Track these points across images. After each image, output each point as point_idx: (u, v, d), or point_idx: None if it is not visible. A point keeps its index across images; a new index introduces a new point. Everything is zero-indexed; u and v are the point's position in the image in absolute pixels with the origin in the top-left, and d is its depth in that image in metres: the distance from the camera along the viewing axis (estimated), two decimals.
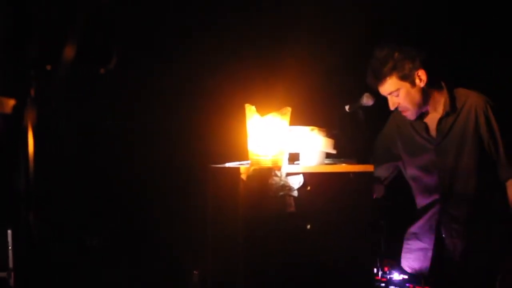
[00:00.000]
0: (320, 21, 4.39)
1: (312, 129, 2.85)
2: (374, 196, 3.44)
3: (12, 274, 3.00)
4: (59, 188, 3.85)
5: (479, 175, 3.41)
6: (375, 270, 3.10)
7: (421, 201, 3.61)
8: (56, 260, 3.71)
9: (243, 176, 2.63)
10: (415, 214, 3.66)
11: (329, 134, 2.87)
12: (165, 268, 4.11)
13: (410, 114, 3.46)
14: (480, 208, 3.41)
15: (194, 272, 3.22)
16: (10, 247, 3.06)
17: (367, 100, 3.37)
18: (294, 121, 2.76)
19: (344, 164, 2.87)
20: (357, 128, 3.45)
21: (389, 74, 3.36)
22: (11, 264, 3.03)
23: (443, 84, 3.48)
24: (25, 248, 2.43)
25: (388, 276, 3.12)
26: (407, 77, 3.36)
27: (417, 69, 3.36)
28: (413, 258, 3.58)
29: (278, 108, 2.71)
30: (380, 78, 3.37)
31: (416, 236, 3.60)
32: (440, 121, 3.47)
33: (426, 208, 3.55)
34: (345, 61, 4.30)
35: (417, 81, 3.38)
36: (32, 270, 2.54)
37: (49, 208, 3.46)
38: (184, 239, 4.11)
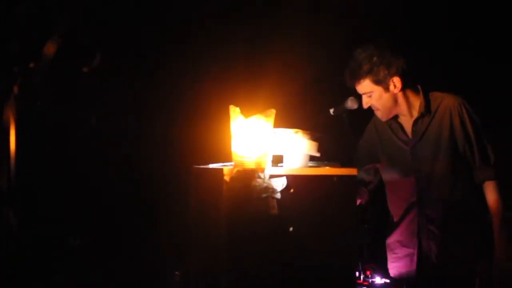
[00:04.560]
0: (306, 24, 4.40)
1: (296, 132, 2.84)
2: (358, 201, 3.45)
3: None
4: (41, 186, 3.83)
5: (454, 179, 3.42)
6: (357, 273, 3.10)
7: (396, 205, 3.61)
8: (38, 257, 3.69)
9: (227, 178, 2.62)
10: (390, 221, 3.67)
11: (313, 137, 2.87)
12: (148, 268, 4.10)
13: (380, 114, 3.50)
14: (456, 211, 3.41)
15: (176, 272, 3.21)
16: None
17: (351, 104, 3.39)
18: (278, 123, 2.75)
19: (327, 167, 2.87)
20: (341, 131, 3.46)
21: (363, 76, 3.39)
22: None
23: (419, 88, 3.49)
24: (6, 244, 2.41)
25: (370, 280, 3.12)
26: (381, 82, 3.39)
27: (392, 76, 3.38)
28: (402, 265, 3.57)
29: (262, 110, 2.70)
30: (355, 78, 3.42)
31: (401, 244, 3.59)
32: (415, 122, 3.49)
33: (405, 214, 3.55)
34: (330, 64, 4.31)
35: (391, 87, 3.41)
36: (14, 266, 2.52)
37: (31, 205, 3.44)
38: (167, 239, 4.10)
